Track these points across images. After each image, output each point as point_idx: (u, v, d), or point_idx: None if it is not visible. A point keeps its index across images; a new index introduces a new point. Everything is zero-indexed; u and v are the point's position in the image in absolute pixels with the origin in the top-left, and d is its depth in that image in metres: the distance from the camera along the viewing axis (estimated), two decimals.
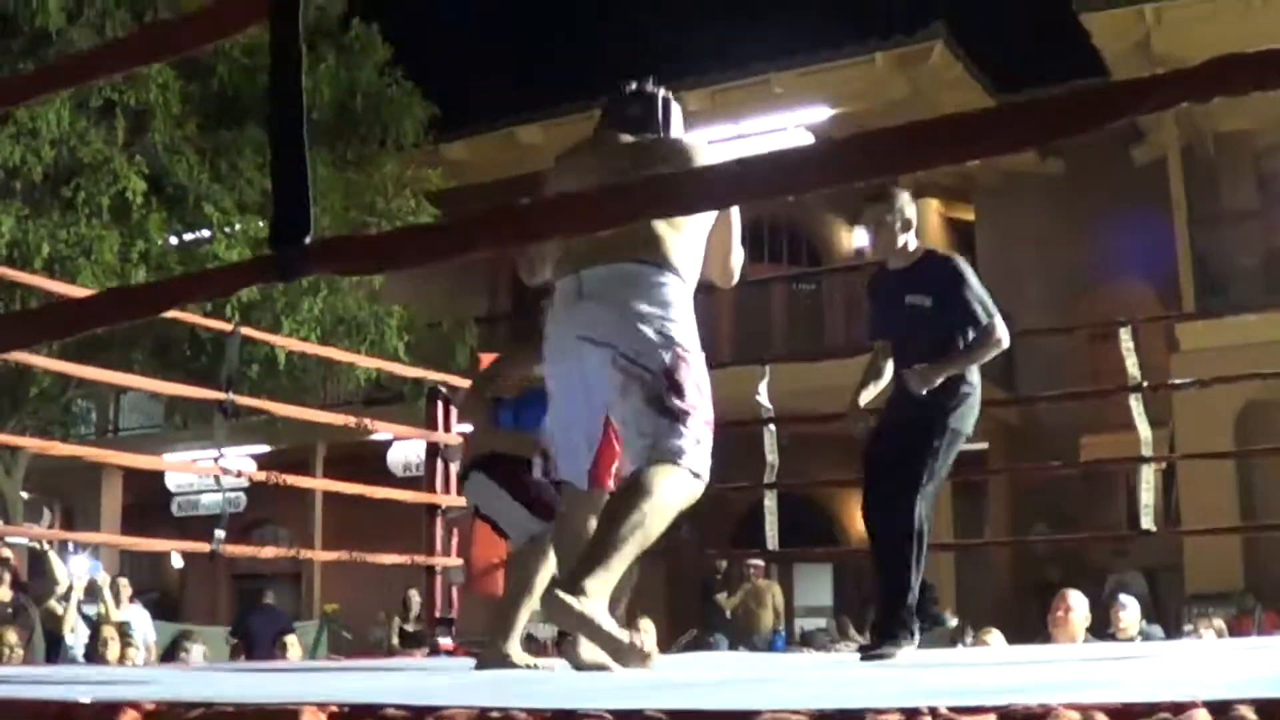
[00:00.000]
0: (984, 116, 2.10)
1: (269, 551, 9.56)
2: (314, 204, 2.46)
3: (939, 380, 6.00)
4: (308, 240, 2.44)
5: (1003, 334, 6.08)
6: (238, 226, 15.08)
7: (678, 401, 4.22)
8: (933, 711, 1.66)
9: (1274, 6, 15.39)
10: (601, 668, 4.33)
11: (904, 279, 6.39)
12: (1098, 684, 2.70)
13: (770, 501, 8.88)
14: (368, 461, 18.88)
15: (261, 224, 15.08)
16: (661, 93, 4.86)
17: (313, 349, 11.69)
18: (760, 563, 16.67)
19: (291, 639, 14.34)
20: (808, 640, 16.06)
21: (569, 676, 4.37)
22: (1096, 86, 2.00)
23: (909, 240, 6.46)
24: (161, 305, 3.44)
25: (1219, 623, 11.85)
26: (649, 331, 4.27)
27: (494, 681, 4.15)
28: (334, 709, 1.89)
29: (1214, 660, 4.00)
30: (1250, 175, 19.31)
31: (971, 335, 6.08)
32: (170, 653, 12.74)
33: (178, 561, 25.56)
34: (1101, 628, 10.15)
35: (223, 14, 2.86)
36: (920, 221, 21.11)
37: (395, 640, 15.87)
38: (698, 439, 4.24)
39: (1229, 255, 18.06)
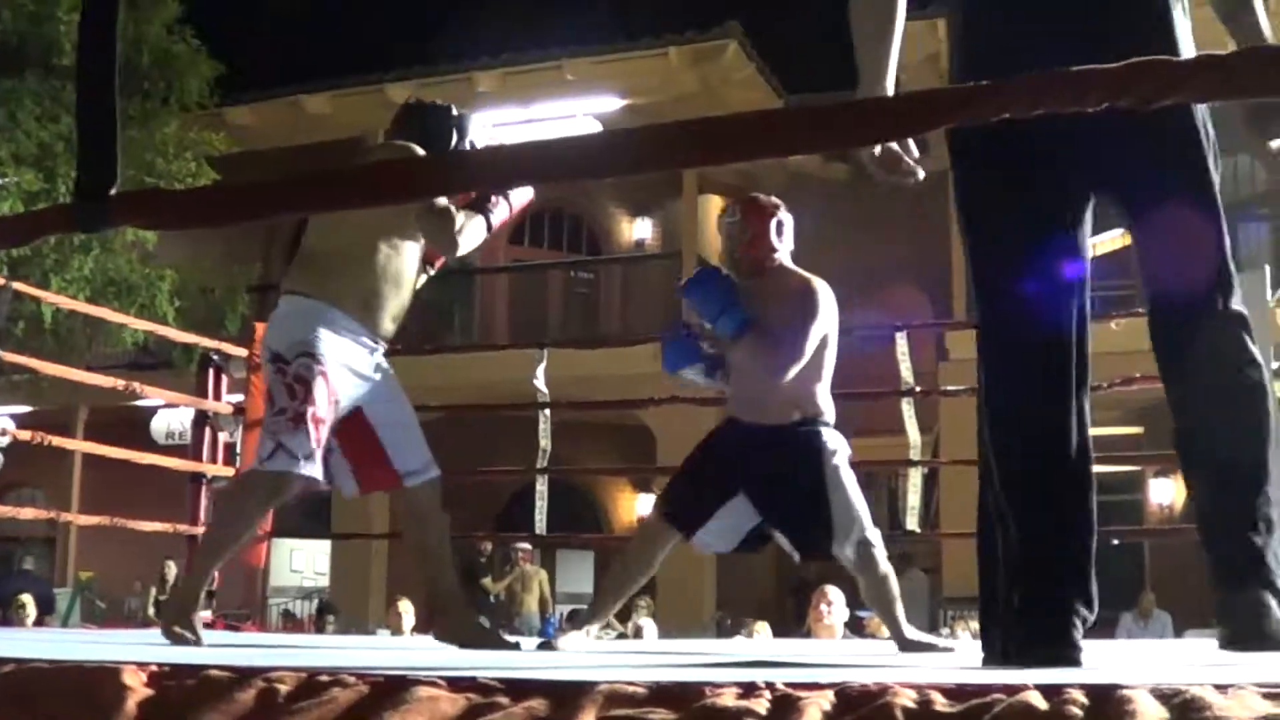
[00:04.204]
0: (815, 114, 2.12)
1: (29, 513, 9.34)
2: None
3: None
4: (113, 192, 2.37)
5: None
6: (13, 179, 14.66)
7: (270, 413, 4.81)
8: (770, 687, 1.66)
9: None
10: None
11: None
12: (922, 668, 2.75)
13: (542, 486, 8.87)
14: (129, 428, 18.51)
15: (35, 177, 14.73)
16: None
17: (84, 308, 11.41)
18: (528, 547, 16.71)
19: (27, 598, 14.00)
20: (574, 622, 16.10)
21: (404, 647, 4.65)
22: (925, 93, 2.04)
23: None
24: None
25: (974, 625, 12.12)
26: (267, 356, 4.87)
27: (320, 646, 4.23)
28: (154, 669, 1.85)
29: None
30: None
31: None
32: None
33: None
34: (857, 625, 10.35)
35: None
36: (702, 220, 21.08)
37: (151, 611, 15.61)
38: (279, 440, 4.70)
39: None
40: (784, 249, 5.56)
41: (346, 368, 4.82)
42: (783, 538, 5.43)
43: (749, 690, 1.65)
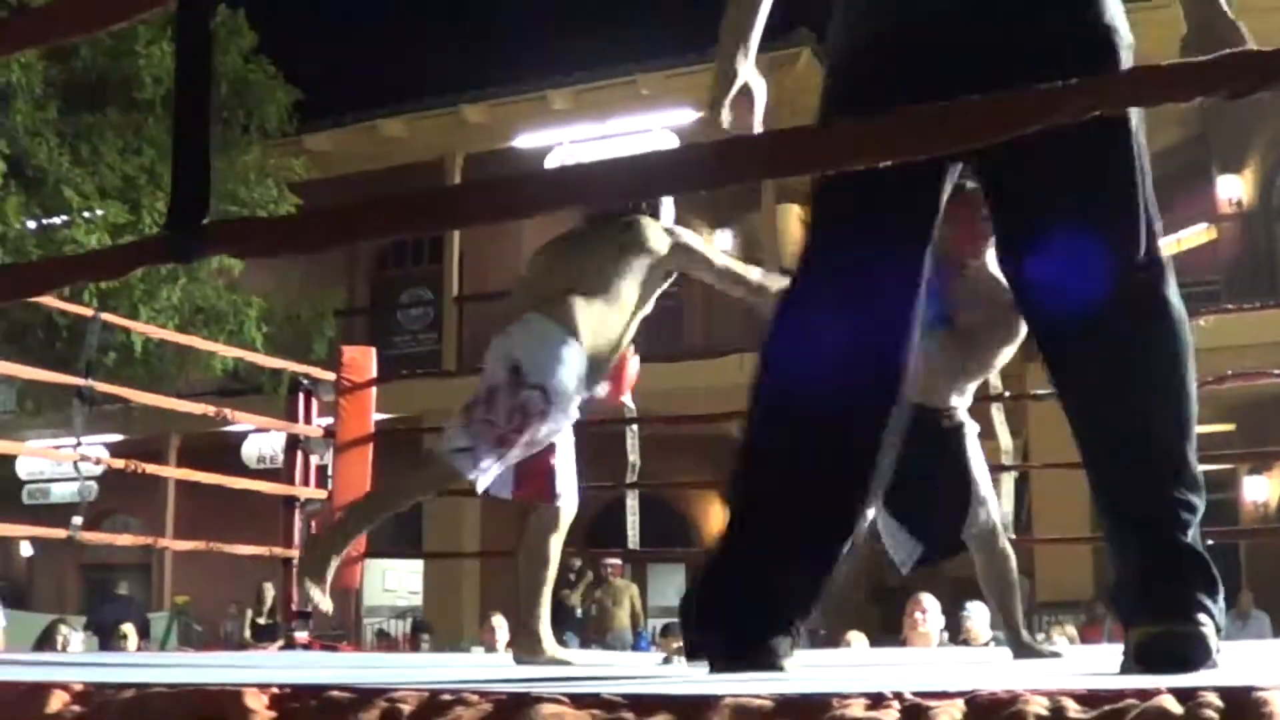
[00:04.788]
0: (902, 121, 2.11)
1: (126, 539, 9.41)
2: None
3: None
4: (206, 221, 2.39)
5: None
6: (98, 211, 14.82)
7: (482, 413, 4.87)
8: (898, 697, 1.65)
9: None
10: None
11: None
12: (1056, 675, 2.71)
13: (632, 501, 8.84)
14: (220, 453, 18.67)
15: (120, 209, 14.90)
16: None
17: (173, 337, 11.50)
18: (618, 562, 16.71)
19: (128, 628, 14.13)
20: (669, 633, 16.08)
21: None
22: (1013, 94, 2.01)
23: None
24: (54, 283, 3.38)
25: (1071, 630, 12.03)
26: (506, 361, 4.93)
27: (444, 665, 4.31)
28: (275, 690, 1.85)
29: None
30: None
31: None
32: (44, 642, 12.50)
33: (27, 550, 25.26)
34: (952, 633, 10.26)
35: None
36: (782, 227, 20.90)
37: (248, 634, 15.72)
38: (475, 444, 4.84)
39: None
40: (989, 245, 5.09)
41: (565, 412, 5.00)
42: (896, 537, 5.27)
43: (877, 700, 1.64)
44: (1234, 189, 19.39)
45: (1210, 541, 3.20)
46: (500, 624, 12.07)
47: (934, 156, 2.81)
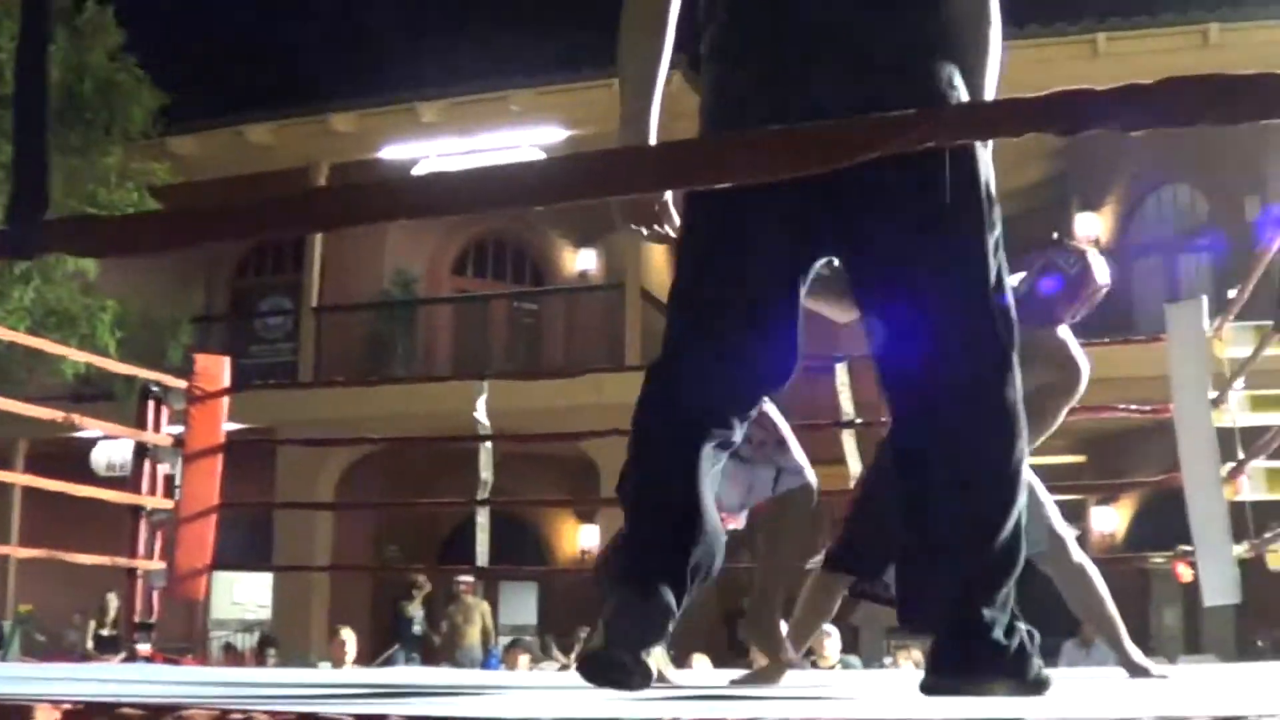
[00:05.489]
0: (742, 141, 2.11)
1: None
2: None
3: None
4: (46, 217, 2.35)
5: None
6: None
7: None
8: None
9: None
10: None
11: None
12: (858, 700, 2.73)
13: (483, 518, 8.80)
14: (70, 460, 18.37)
15: None
16: None
17: (23, 339, 11.29)
18: (470, 579, 16.64)
19: None
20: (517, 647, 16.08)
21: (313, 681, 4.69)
22: (858, 121, 2.03)
23: None
24: None
25: (916, 654, 12.16)
26: None
27: (238, 683, 4.22)
28: (68, 706, 1.82)
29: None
30: None
31: None
32: None
33: None
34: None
35: None
36: (646, 252, 20.90)
37: (90, 644, 15.50)
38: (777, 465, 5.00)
39: None
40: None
41: None
42: None
43: None
44: (1093, 226, 19.74)
45: None
46: (349, 637, 11.98)
47: (795, 206, 2.84)
